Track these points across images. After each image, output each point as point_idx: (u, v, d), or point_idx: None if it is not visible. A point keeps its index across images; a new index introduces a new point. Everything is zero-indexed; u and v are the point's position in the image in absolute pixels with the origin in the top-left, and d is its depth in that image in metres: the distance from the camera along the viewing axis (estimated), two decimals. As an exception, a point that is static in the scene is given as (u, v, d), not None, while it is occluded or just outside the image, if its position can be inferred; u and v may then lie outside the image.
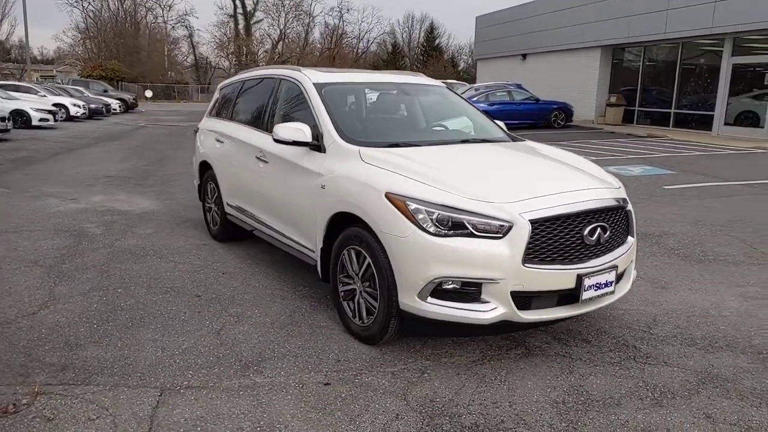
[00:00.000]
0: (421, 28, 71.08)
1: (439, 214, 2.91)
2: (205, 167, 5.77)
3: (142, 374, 2.97)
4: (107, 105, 26.28)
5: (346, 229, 3.44)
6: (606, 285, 3.13)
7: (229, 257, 5.11)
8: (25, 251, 5.13)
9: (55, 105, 20.52)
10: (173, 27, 65.80)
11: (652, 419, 2.66)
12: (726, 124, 16.49)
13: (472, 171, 3.32)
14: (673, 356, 3.31)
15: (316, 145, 3.81)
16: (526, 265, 2.89)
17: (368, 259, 3.26)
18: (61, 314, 3.72)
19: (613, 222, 3.23)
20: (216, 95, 5.99)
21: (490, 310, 2.90)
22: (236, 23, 64.27)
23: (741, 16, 14.95)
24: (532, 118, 19.36)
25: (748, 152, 13.50)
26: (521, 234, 2.87)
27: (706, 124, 17.24)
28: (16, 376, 2.91)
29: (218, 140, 5.36)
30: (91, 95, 26.69)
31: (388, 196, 3.07)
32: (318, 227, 3.70)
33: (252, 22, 65.17)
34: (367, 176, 3.28)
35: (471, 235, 2.88)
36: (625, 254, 3.30)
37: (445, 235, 2.89)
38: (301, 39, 68.77)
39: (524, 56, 26.38)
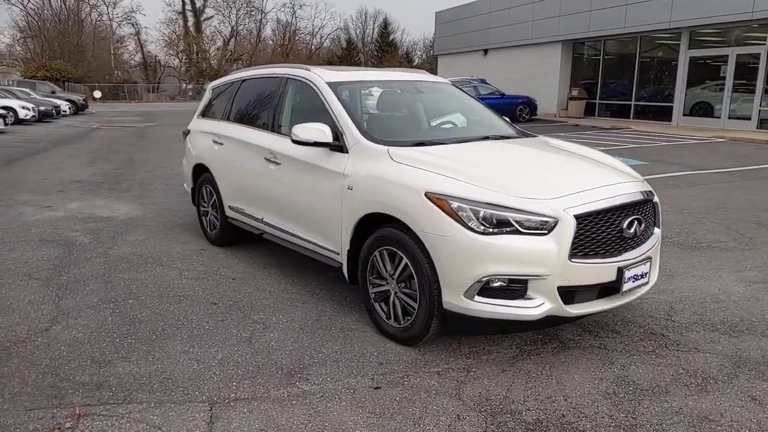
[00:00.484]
0: (374, 23, 71.15)
1: (484, 212, 2.90)
2: (200, 170, 5.59)
3: (185, 389, 2.85)
4: (57, 107, 25.15)
5: (378, 230, 3.40)
6: (642, 276, 3.20)
7: (233, 262, 4.97)
8: (14, 264, 4.85)
9: (2, 108, 19.50)
10: (119, 25, 63.59)
11: (703, 405, 2.73)
12: (685, 114, 17.17)
13: (507, 168, 3.33)
14: (701, 342, 3.41)
15: (337, 145, 3.74)
16: (572, 260, 2.92)
17: (405, 260, 3.22)
18: (76, 329, 3.53)
19: (644, 214, 3.30)
20: (207, 95, 5.81)
21: (538, 306, 2.92)
22: (185, 20, 62.66)
23: (697, 12, 15.57)
24: (498, 113, 19.60)
25: (709, 141, 14.10)
26: (567, 230, 2.90)
27: (665, 115, 17.91)
28: (49, 398, 2.74)
29: (216, 142, 5.20)
30: (38, 97, 25.48)
31: (428, 196, 3.05)
32: (344, 229, 3.64)
33: (202, 18, 63.63)
34: (402, 176, 3.24)
35: (517, 232, 2.89)
36: (655, 245, 3.38)
37: (492, 233, 2.89)
38: (253, 36, 67.70)
39: (486, 51, 26.73)
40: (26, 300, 4.03)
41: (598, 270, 3.01)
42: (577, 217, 2.93)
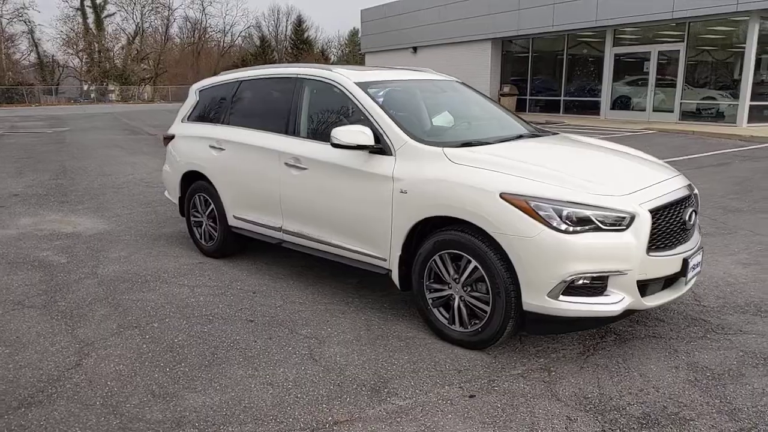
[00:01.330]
0: (287, 21, 70.08)
1: (568, 210, 2.90)
2: (191, 178, 5.22)
3: (274, 416, 2.63)
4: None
5: (437, 233, 3.31)
6: (698, 265, 3.34)
7: (241, 275, 4.68)
8: (-5, 292, 4.30)
9: None
10: (10, 22, 58.33)
11: (780, 384, 2.89)
12: (612, 108, 18.24)
13: (570, 166, 3.35)
14: (742, 324, 3.61)
15: (379, 148, 3.61)
16: (649, 254, 2.99)
17: (473, 263, 3.16)
18: (113, 361, 3.18)
19: (696, 206, 3.44)
20: (193, 98, 5.43)
21: (620, 301, 2.96)
22: (84, 17, 58.49)
23: (621, 11, 16.56)
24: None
25: (641, 133, 15.06)
26: (644, 224, 2.95)
27: (593, 109, 18.94)
28: (129, 443, 2.44)
29: (214, 147, 4.87)
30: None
31: (505, 197, 3.00)
32: (395, 234, 3.52)
33: (103, 15, 59.71)
34: (469, 178, 3.17)
35: (598, 229, 2.91)
36: (700, 235, 3.53)
37: (576, 232, 2.89)
38: (160, 34, 64.50)
39: (415, 49, 27.01)
40: (33, 332, 3.58)
41: (669, 262, 3.10)
42: (651, 211, 3.01)
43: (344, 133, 3.59)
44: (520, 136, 4.07)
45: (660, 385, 2.90)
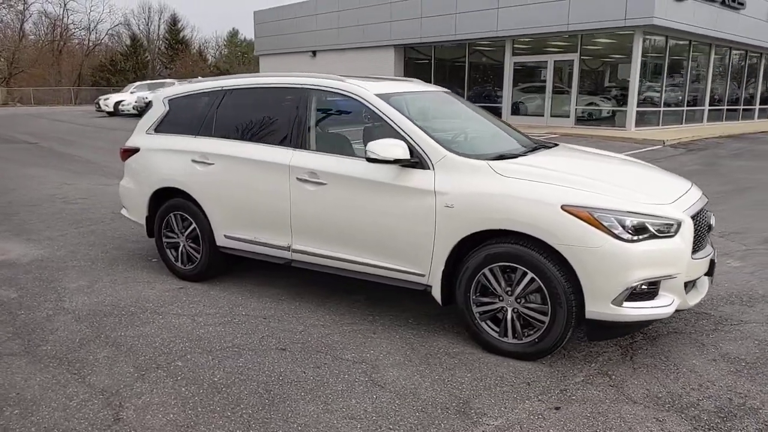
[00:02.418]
0: (160, 19, 66.11)
1: (630, 220, 3.02)
2: (164, 196, 4.75)
3: (382, 453, 2.46)
4: None
5: (488, 246, 3.31)
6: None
7: (238, 298, 4.34)
8: (-49, 340, 3.61)
9: None
10: None
11: (807, 367, 3.23)
12: (512, 113, 19.34)
13: (611, 176, 3.49)
14: (738, 314, 3.99)
15: (414, 162, 3.53)
16: (692, 257, 3.21)
17: (530, 275, 3.20)
18: (158, 411, 2.79)
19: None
20: (161, 108, 4.93)
21: (672, 303, 3.15)
22: None
23: (518, 23, 17.63)
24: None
25: (545, 138, 16.09)
26: (688, 230, 3.17)
27: (494, 114, 19.93)
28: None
29: (198, 162, 4.46)
30: None
31: (567, 209, 3.07)
32: (438, 249, 3.46)
33: (-57, 7, 52.58)
34: (525, 190, 3.19)
35: (654, 236, 3.07)
36: (708, 237, 3.87)
37: (636, 241, 3.02)
38: (13, 30, 57.97)
39: (314, 53, 26.79)
40: (35, 385, 3.05)
41: (702, 263, 3.35)
42: (692, 217, 3.23)
43: (381, 147, 3.47)
44: (537, 148, 4.17)
45: (712, 378, 3.12)
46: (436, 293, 3.56)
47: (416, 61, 22.95)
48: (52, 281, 4.77)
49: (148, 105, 5.14)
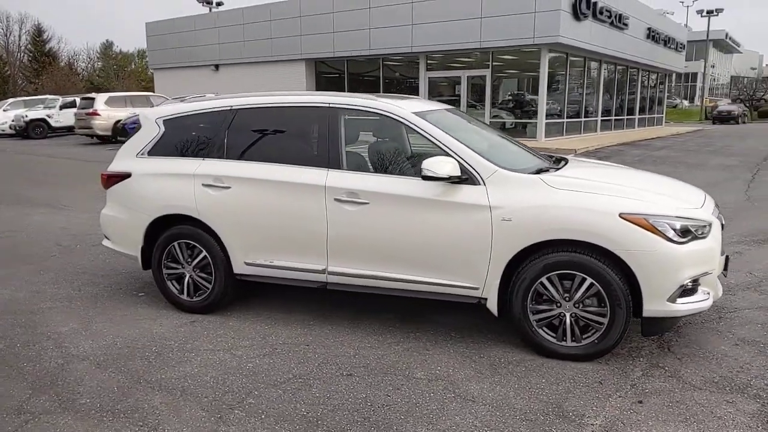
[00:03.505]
0: (21, 29, 60.16)
1: (680, 224, 3.33)
2: (163, 224, 4.42)
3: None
4: None
5: (545, 256, 3.47)
6: (723, 260, 4.08)
7: (264, 327, 4.16)
8: (-38, 403, 3.11)
9: None
10: None
11: (812, 344, 3.72)
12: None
13: (649, 186, 3.80)
14: (732, 301, 4.49)
15: (464, 178, 3.62)
16: (721, 255, 3.59)
17: (589, 280, 3.40)
18: (263, 453, 2.62)
19: (712, 212, 4.19)
20: (153, 128, 4.59)
21: (708, 297, 3.50)
22: None
23: (432, 39, 18.31)
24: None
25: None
26: (717, 230, 3.55)
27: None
28: None
29: (212, 186, 4.22)
30: None
31: (624, 216, 3.31)
32: (495, 261, 3.57)
33: None
34: (583, 201, 3.40)
35: (695, 238, 3.40)
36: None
37: (684, 242, 3.34)
38: None
39: (217, 67, 25.94)
40: (106, 442, 2.72)
41: (721, 261, 3.75)
42: (718, 218, 3.62)
43: (438, 164, 3.54)
44: (559, 161, 4.41)
45: (747, 360, 3.51)
46: (492, 305, 3.66)
47: (327, 76, 23.01)
48: (35, 326, 4.26)
49: (136, 125, 4.78)
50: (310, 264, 4.06)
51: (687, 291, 3.41)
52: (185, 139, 4.52)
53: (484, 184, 3.62)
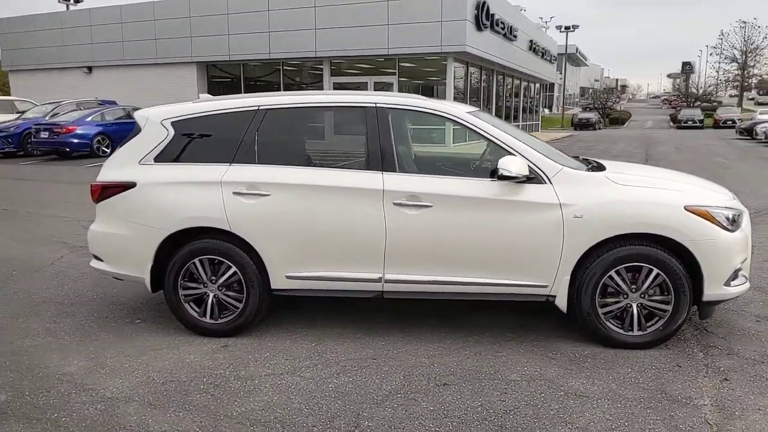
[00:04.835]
0: None
1: (731, 215, 3.63)
2: (177, 240, 3.92)
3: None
4: None
5: (614, 250, 3.59)
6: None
7: (313, 344, 3.86)
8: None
9: None
10: None
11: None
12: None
13: (689, 181, 4.08)
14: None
15: (530, 177, 3.65)
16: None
17: (655, 271, 3.59)
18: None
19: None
20: (158, 131, 4.04)
21: (746, 281, 3.85)
22: None
23: (337, 44, 18.19)
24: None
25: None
26: (747, 220, 3.92)
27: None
28: None
29: (245, 193, 3.82)
30: None
31: (689, 209, 3.55)
32: (566, 258, 3.63)
33: None
34: (651, 196, 3.59)
35: (738, 227, 3.73)
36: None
37: (734, 231, 3.64)
38: None
39: (90, 69, 23.62)
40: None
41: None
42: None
43: (513, 164, 3.53)
44: (591, 161, 4.57)
45: (740, 329, 3.92)
46: (561, 302, 3.71)
47: (221, 80, 21.94)
48: (32, 369, 3.56)
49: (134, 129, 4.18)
50: (364, 273, 3.83)
51: (734, 276, 3.73)
52: (202, 142, 4.05)
53: (551, 183, 3.67)
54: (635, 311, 3.68)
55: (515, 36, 20.95)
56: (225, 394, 3.21)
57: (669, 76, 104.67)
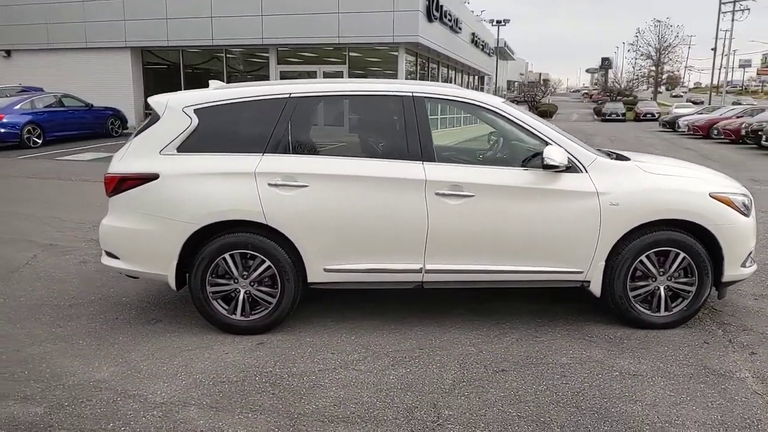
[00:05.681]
0: None
1: (746, 201, 3.90)
2: (204, 233, 3.74)
3: None
4: None
5: (645, 236, 3.77)
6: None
7: (355, 338, 3.80)
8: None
9: None
10: None
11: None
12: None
13: (698, 169, 4.32)
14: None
15: (569, 166, 3.76)
16: (754, 228, 4.30)
17: (682, 254, 3.80)
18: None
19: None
20: (181, 119, 3.81)
21: (754, 263, 4.15)
22: None
23: (285, 31, 17.70)
24: (89, 127, 16.89)
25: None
26: (753, 209, 4.23)
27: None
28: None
29: (282, 185, 3.68)
30: None
31: (713, 196, 3.78)
32: (602, 245, 3.77)
33: None
34: (680, 184, 3.81)
35: (750, 212, 4.01)
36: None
37: (748, 216, 3.92)
38: None
39: (8, 53, 21.79)
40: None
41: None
42: (749, 196, 4.32)
43: (558, 154, 3.62)
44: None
45: (744, 307, 4.26)
46: (596, 287, 3.86)
47: (157, 67, 20.86)
48: (59, 377, 3.30)
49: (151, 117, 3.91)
50: (405, 264, 3.81)
51: (748, 257, 4.02)
52: (230, 132, 3.87)
53: (586, 172, 3.79)
54: (662, 293, 3.89)
55: (460, 28, 21.32)
56: (286, 392, 3.11)
57: (588, 71, 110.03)
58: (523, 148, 4.02)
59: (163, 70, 20.77)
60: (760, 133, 16.72)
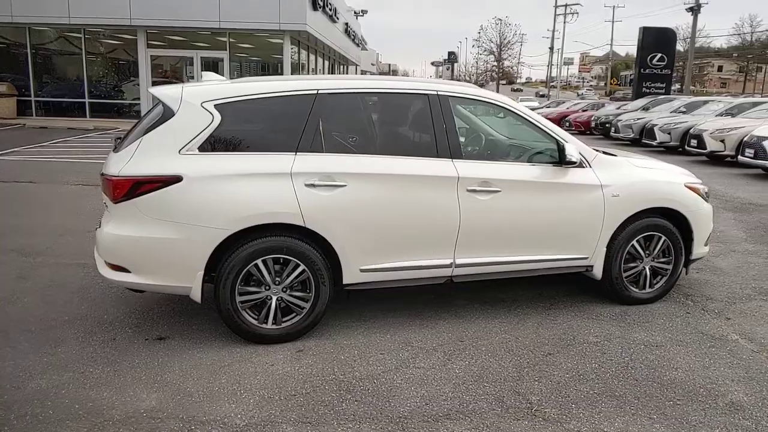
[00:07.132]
0: None
1: (706, 189, 4.58)
2: (232, 240, 3.49)
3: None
4: None
5: (635, 222, 4.26)
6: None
7: (399, 337, 3.80)
8: None
9: None
10: None
11: None
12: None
13: (661, 163, 4.90)
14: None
15: (573, 162, 4.10)
16: (701, 209, 5.03)
17: (663, 238, 4.37)
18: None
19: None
20: (202, 116, 3.47)
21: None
22: None
23: (157, 13, 16.14)
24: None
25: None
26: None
27: (130, 111, 17.86)
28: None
29: (320, 185, 3.54)
30: None
31: (688, 186, 4.40)
32: (604, 232, 4.18)
33: None
34: (663, 177, 4.36)
35: (708, 199, 4.71)
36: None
37: (708, 202, 4.61)
38: None
39: None
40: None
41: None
42: (698, 186, 5.05)
43: (575, 151, 3.96)
44: None
45: (733, 279, 5.04)
46: (598, 270, 4.27)
47: (9, 48, 17.96)
48: (93, 413, 2.89)
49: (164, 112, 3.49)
50: (437, 259, 3.89)
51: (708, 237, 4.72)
52: (256, 129, 3.63)
53: (591, 166, 4.18)
54: (647, 272, 4.43)
55: (338, 18, 21.28)
56: (369, 397, 3.04)
57: (433, 63, 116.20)
58: (531, 146, 4.30)
59: (12, 51, 17.94)
60: (608, 125, 19.19)
